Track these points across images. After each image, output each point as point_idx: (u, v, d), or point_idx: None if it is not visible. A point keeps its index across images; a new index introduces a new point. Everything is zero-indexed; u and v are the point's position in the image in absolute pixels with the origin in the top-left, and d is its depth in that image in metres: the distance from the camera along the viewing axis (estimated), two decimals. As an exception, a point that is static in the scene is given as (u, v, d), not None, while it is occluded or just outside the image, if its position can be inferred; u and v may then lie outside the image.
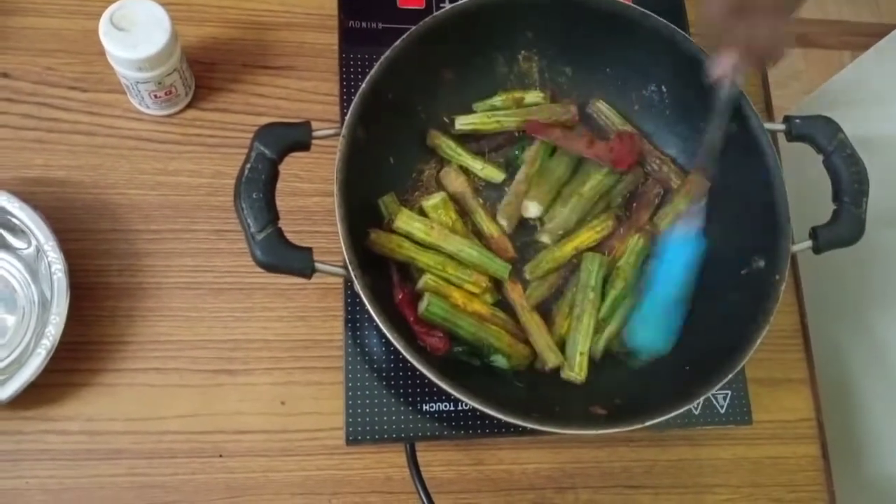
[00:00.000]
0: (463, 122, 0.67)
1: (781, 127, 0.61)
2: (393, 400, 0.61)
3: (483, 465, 0.64)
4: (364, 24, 0.71)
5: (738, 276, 0.61)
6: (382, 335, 0.52)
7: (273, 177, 0.53)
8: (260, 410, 0.62)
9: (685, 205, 0.65)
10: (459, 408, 0.62)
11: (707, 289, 0.64)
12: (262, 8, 0.72)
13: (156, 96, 0.64)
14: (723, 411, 0.65)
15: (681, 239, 0.61)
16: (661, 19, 0.63)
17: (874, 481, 0.83)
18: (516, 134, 0.68)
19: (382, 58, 0.59)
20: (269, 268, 0.52)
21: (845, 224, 0.59)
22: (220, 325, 0.63)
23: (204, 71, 0.69)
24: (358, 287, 0.52)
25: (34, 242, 0.59)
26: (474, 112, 0.68)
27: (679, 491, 0.66)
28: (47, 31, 0.68)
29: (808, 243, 0.59)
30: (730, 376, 0.54)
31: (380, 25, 0.70)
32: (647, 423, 0.53)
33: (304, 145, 0.55)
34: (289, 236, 0.53)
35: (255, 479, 0.61)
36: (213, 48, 0.70)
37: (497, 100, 0.68)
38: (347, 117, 0.57)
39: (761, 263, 0.59)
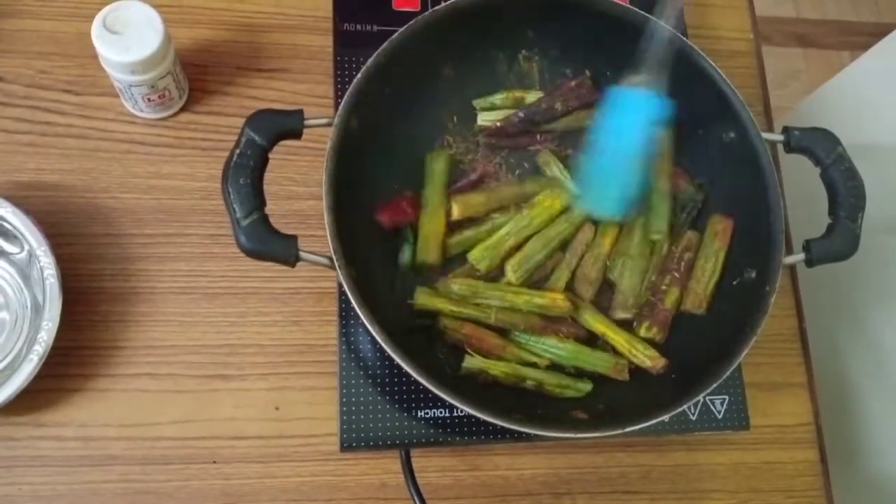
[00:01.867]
0: (485, 118, 0.67)
1: (780, 138, 0.61)
2: (387, 406, 0.61)
3: (479, 470, 0.63)
4: (359, 27, 0.70)
5: (730, 286, 0.61)
6: (376, 340, 0.52)
7: (262, 163, 0.53)
8: (254, 416, 0.62)
9: (721, 248, 0.63)
10: (454, 414, 0.61)
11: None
12: (255, 10, 0.71)
13: (149, 99, 0.64)
14: (720, 416, 0.65)
15: (639, 98, 0.60)
16: (662, 23, 0.62)
17: (873, 486, 0.83)
18: (538, 136, 0.67)
19: (380, 49, 0.58)
20: (253, 254, 0.52)
21: (839, 238, 0.58)
22: (215, 329, 0.63)
23: (198, 74, 0.69)
24: (341, 277, 0.52)
25: (26, 247, 0.59)
26: (476, 109, 0.68)
27: (676, 496, 0.65)
28: (42, 34, 0.68)
29: (802, 256, 0.59)
30: (711, 388, 0.54)
31: (375, 28, 0.70)
32: (627, 429, 0.53)
33: (295, 133, 0.55)
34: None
35: (251, 485, 0.61)
36: (207, 51, 0.70)
37: (497, 98, 0.68)
38: (341, 107, 0.56)
39: (753, 274, 0.59)
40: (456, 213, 0.63)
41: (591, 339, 0.63)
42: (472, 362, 0.59)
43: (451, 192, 0.64)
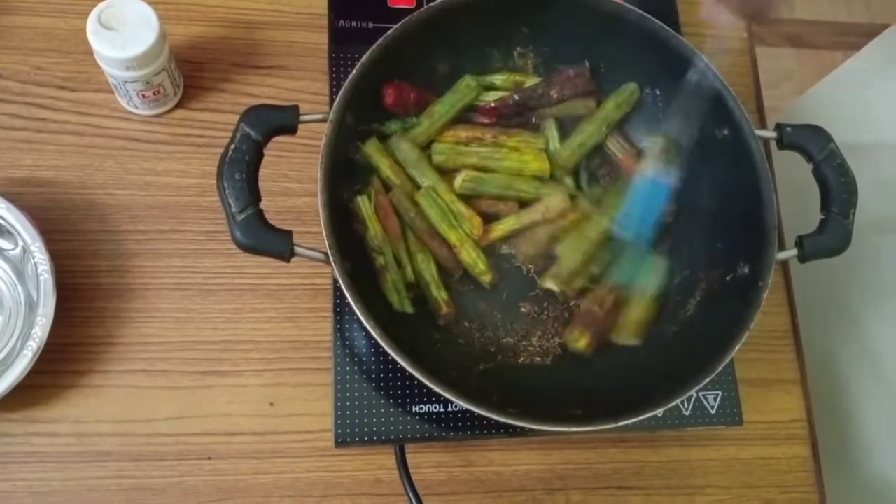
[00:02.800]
0: (482, 98, 0.67)
1: (773, 134, 0.61)
2: (382, 401, 0.61)
3: (473, 466, 0.64)
4: (354, 24, 0.70)
5: (723, 282, 0.61)
6: (370, 336, 0.52)
7: (257, 158, 0.53)
8: (249, 412, 0.62)
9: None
10: (449, 409, 0.62)
11: (690, 293, 0.64)
12: (250, 7, 0.71)
13: (144, 96, 0.64)
14: (713, 412, 0.65)
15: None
16: (657, 21, 0.63)
17: (865, 481, 0.84)
18: (533, 120, 0.68)
19: (375, 46, 0.59)
20: (249, 249, 0.52)
21: (832, 234, 0.59)
22: (210, 326, 0.63)
23: (193, 70, 0.69)
24: (336, 273, 0.52)
25: (21, 243, 0.59)
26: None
27: (670, 492, 0.66)
28: (38, 31, 0.68)
29: (794, 251, 0.59)
30: (704, 382, 0.54)
31: (370, 25, 0.70)
32: (620, 423, 0.53)
33: (290, 128, 0.55)
34: (277, 237, 0.53)
35: (245, 481, 0.61)
36: (202, 48, 0.70)
37: (498, 78, 0.68)
38: (336, 102, 0.57)
39: (746, 270, 0.59)
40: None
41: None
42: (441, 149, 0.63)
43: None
